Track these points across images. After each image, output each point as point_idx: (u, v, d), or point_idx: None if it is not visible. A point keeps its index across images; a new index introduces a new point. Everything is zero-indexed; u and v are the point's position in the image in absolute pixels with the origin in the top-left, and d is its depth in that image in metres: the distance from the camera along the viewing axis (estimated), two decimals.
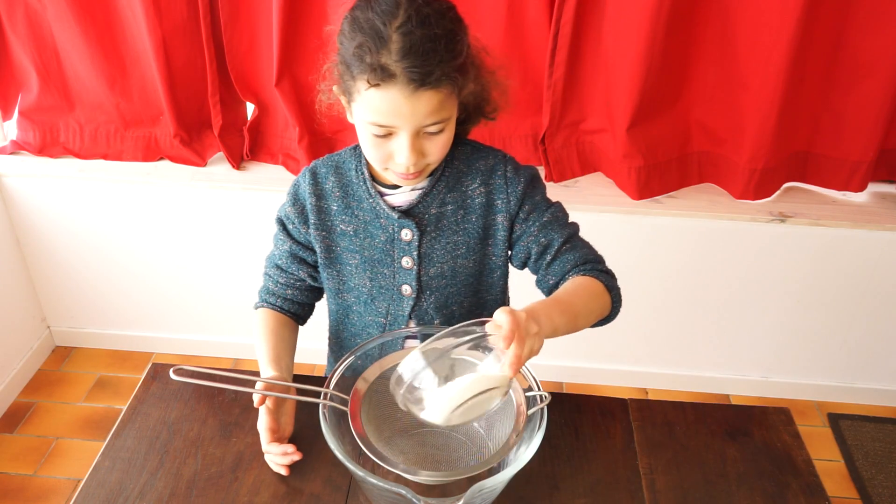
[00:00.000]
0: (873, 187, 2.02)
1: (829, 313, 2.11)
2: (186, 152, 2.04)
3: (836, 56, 1.77)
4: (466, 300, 1.15)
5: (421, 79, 0.89)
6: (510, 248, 1.14)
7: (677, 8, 1.70)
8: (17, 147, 2.09)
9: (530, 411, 0.92)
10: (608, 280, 1.07)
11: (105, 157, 2.08)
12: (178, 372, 0.92)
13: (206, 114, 2.00)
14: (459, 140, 1.10)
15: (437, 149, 0.98)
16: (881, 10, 1.67)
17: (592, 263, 1.08)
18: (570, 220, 1.13)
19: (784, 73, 1.72)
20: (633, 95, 1.80)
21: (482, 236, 1.11)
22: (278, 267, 1.17)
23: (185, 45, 1.88)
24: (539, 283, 1.13)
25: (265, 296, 1.19)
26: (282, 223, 1.15)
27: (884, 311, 2.09)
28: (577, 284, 1.03)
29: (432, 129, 0.95)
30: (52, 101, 2.01)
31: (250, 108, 2.06)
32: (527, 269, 1.15)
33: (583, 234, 1.13)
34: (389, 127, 0.94)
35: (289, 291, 1.17)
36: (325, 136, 2.00)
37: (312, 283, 1.18)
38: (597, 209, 1.94)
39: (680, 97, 1.89)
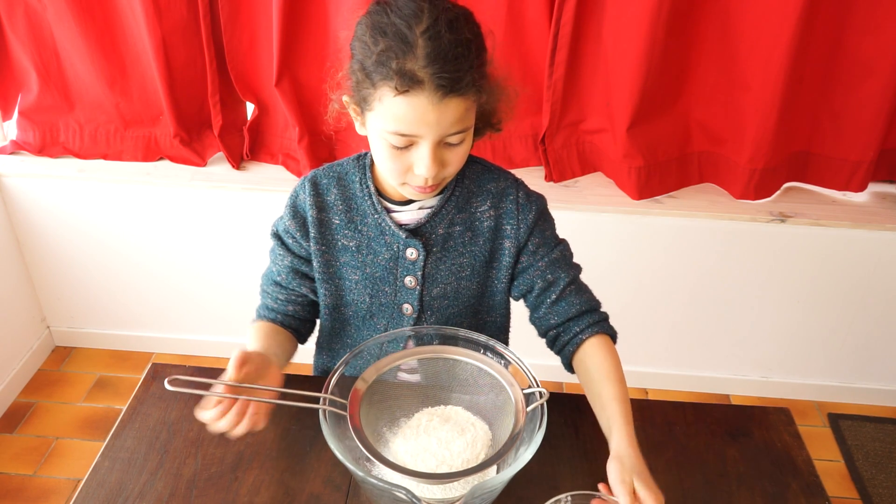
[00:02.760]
0: (873, 187, 2.02)
1: (829, 313, 2.11)
2: (186, 152, 2.04)
3: (836, 56, 1.77)
4: (466, 321, 1.13)
5: (450, 85, 0.85)
6: (513, 277, 1.11)
7: (677, 8, 1.70)
8: (17, 147, 2.09)
9: (529, 408, 0.92)
10: (612, 331, 1.10)
11: (105, 157, 2.08)
12: (174, 382, 0.87)
13: (206, 114, 2.00)
14: (469, 158, 1.07)
15: (456, 159, 0.95)
16: (881, 10, 1.67)
17: (598, 313, 1.09)
18: (574, 260, 1.12)
19: (784, 73, 1.72)
20: (633, 95, 1.80)
21: (488, 259, 1.09)
22: (277, 284, 1.12)
23: (185, 45, 1.88)
24: (539, 320, 1.10)
25: (264, 312, 1.13)
26: (280, 238, 1.11)
27: (884, 311, 2.09)
28: (608, 361, 1.03)
29: (454, 139, 0.92)
30: (51, 101, 2.01)
31: (250, 108, 2.06)
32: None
33: (583, 233, 1.14)
34: (412, 136, 0.90)
35: (290, 307, 1.12)
36: (325, 136, 2.00)
37: (314, 298, 1.14)
38: (597, 209, 1.94)
39: (680, 97, 1.89)
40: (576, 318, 1.07)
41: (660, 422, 1.11)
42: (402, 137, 0.90)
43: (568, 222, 1.99)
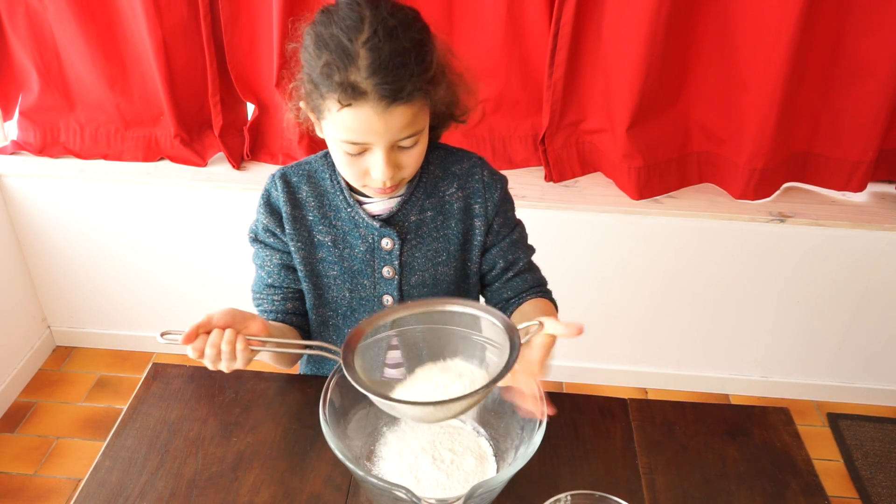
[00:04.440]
0: (873, 187, 2.02)
1: (829, 313, 2.11)
2: (186, 152, 2.04)
3: (835, 56, 1.77)
4: None
5: (393, 94, 0.87)
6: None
7: (677, 8, 1.70)
8: (17, 147, 2.09)
9: (524, 339, 0.88)
10: (553, 301, 1.16)
11: (105, 157, 2.08)
12: (167, 336, 0.89)
13: (207, 114, 2.00)
14: (432, 144, 1.08)
15: (412, 160, 0.97)
16: (881, 11, 1.68)
17: (544, 286, 1.17)
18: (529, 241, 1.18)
19: (784, 73, 1.72)
20: (633, 95, 1.80)
21: (462, 241, 1.11)
22: (270, 286, 1.12)
23: (185, 45, 1.88)
24: (493, 293, 1.16)
25: (263, 316, 1.12)
26: (261, 241, 1.11)
27: (884, 311, 2.09)
28: (545, 305, 1.11)
29: (406, 142, 0.94)
30: (52, 101, 2.01)
31: (250, 108, 2.06)
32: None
33: (583, 233, 1.14)
34: (363, 144, 0.92)
35: (288, 305, 1.12)
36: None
37: None
38: (597, 209, 1.94)
39: (680, 97, 1.89)
40: (524, 292, 1.14)
41: (660, 422, 1.11)
42: (353, 146, 0.93)
43: (568, 222, 2.01)
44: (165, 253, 2.18)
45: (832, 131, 1.87)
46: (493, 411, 1.01)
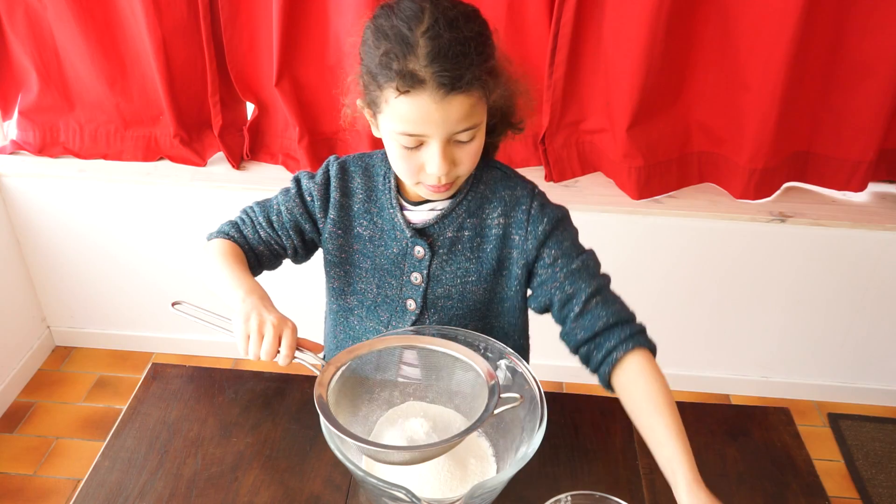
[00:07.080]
0: (873, 187, 2.02)
1: (829, 313, 2.11)
2: (186, 152, 2.04)
3: (836, 56, 1.77)
4: (472, 323, 1.12)
5: (451, 83, 0.87)
6: (529, 288, 1.10)
7: (677, 8, 1.70)
8: (16, 147, 2.09)
9: (497, 411, 0.88)
10: (650, 344, 1.04)
11: (105, 157, 2.08)
12: (179, 306, 0.92)
13: (206, 114, 2.00)
14: (491, 163, 1.08)
15: (467, 157, 0.96)
16: (881, 11, 1.67)
17: (630, 325, 1.02)
18: (602, 271, 1.07)
19: (784, 73, 1.72)
20: (633, 95, 1.80)
21: (496, 267, 1.08)
22: (269, 221, 1.10)
23: (185, 45, 1.88)
24: (566, 336, 1.05)
25: (234, 233, 1.11)
26: (300, 188, 1.10)
27: (884, 311, 2.09)
28: (654, 386, 0.99)
29: (463, 136, 0.93)
30: (51, 100, 2.01)
31: (250, 108, 2.06)
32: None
33: (582, 234, 1.11)
34: (420, 136, 0.92)
35: (261, 248, 1.10)
36: (325, 136, 2.00)
37: (286, 258, 1.13)
38: (597, 209, 1.94)
39: (680, 97, 1.89)
40: (605, 332, 1.01)
41: None
42: (410, 138, 0.92)
43: None
44: (165, 253, 2.17)
45: (833, 131, 1.87)
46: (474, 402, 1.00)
